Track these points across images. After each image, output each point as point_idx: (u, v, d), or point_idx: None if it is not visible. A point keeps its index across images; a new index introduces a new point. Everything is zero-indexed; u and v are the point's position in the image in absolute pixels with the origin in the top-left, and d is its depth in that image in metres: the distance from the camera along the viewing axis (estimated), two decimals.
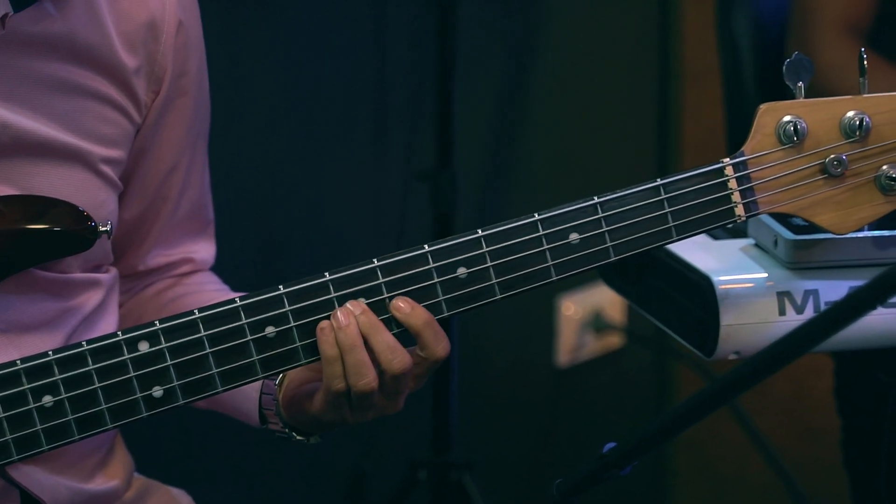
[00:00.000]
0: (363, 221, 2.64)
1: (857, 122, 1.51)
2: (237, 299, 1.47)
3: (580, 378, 3.04)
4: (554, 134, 2.93)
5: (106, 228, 1.53)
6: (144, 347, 1.46)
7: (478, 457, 2.55)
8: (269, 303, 1.47)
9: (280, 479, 2.60)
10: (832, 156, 1.51)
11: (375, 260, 1.48)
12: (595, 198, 1.49)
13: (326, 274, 1.47)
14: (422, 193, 2.46)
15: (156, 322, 1.46)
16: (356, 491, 2.61)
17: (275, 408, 1.57)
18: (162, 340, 1.46)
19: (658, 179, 1.50)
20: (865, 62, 1.51)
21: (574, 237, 1.49)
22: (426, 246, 1.48)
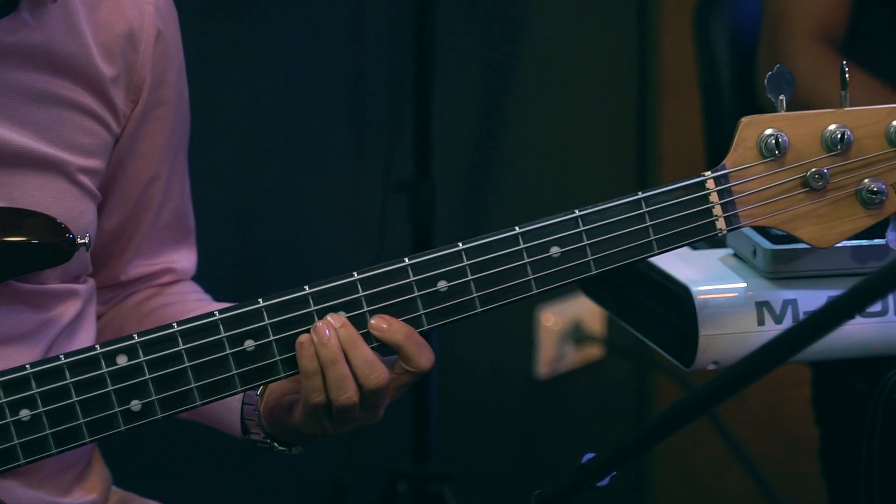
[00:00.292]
0: (342, 232, 2.63)
1: (839, 136, 1.50)
2: (216, 312, 1.46)
3: (560, 389, 3.04)
4: (533, 145, 2.93)
5: (84, 241, 1.52)
6: (123, 361, 1.45)
7: (457, 468, 2.54)
8: (249, 316, 1.46)
9: (259, 492, 2.59)
10: (813, 169, 1.51)
11: (355, 273, 1.47)
12: (576, 211, 1.49)
13: (306, 287, 1.47)
14: (401, 205, 2.46)
15: (134, 335, 1.45)
16: (335, 503, 2.60)
17: (256, 418, 1.56)
18: (140, 354, 1.45)
19: (639, 193, 1.49)
20: (847, 76, 1.51)
21: (555, 251, 1.49)
22: (406, 259, 1.48)
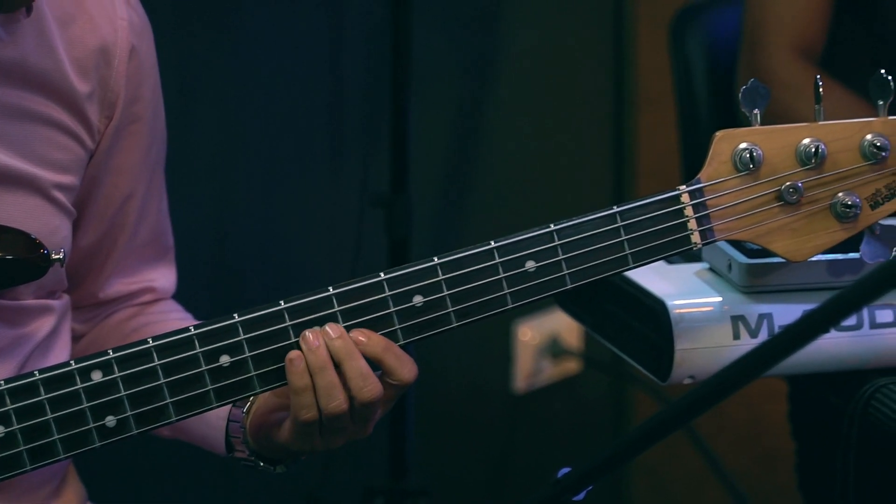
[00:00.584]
0: (319, 247, 2.63)
1: (813, 150, 1.50)
2: (191, 328, 1.46)
3: (537, 404, 3.04)
4: (509, 160, 2.93)
5: (59, 256, 1.52)
6: (98, 377, 1.44)
7: (434, 483, 2.54)
8: (224, 331, 1.46)
9: None
10: (788, 183, 1.51)
11: (331, 288, 1.47)
12: (551, 225, 1.49)
13: (282, 302, 1.46)
14: (378, 219, 2.46)
15: (109, 351, 1.44)
16: None
17: (242, 436, 1.55)
18: (115, 370, 1.44)
19: (614, 207, 1.49)
20: (821, 89, 1.51)
21: (530, 265, 1.49)
22: (382, 274, 1.47)
